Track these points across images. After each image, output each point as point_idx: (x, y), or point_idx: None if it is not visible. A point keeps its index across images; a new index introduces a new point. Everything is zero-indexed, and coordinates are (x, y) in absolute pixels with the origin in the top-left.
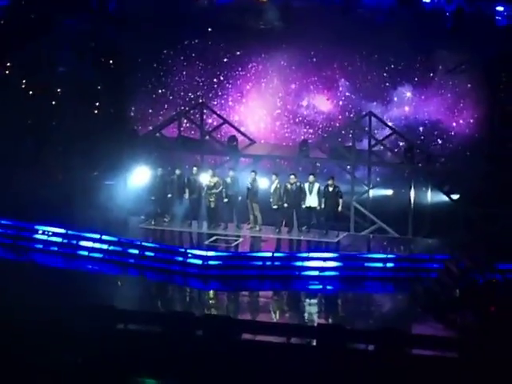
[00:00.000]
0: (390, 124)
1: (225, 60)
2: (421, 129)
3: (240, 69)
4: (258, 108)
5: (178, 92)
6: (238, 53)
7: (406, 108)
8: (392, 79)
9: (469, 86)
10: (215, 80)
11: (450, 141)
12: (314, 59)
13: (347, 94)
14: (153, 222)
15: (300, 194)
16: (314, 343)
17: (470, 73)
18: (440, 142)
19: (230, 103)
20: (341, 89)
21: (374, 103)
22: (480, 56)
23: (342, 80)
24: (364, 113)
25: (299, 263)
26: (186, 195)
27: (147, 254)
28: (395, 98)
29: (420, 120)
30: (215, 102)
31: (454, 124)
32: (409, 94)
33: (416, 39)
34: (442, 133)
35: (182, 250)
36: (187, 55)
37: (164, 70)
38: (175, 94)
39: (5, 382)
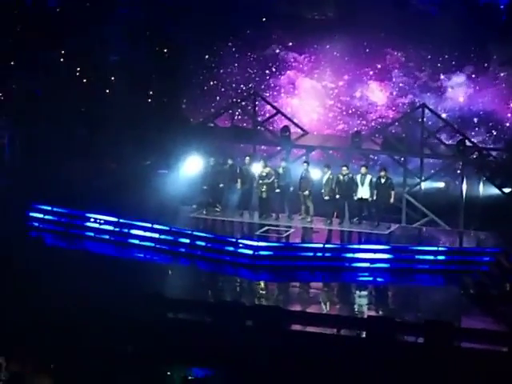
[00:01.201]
0: (443, 115)
1: (277, 51)
2: (475, 120)
3: (292, 60)
4: (311, 99)
5: (229, 84)
6: (291, 44)
7: (461, 99)
8: (446, 69)
9: None
10: (267, 71)
11: (505, 132)
12: (367, 50)
13: (401, 84)
14: (204, 212)
15: (352, 185)
16: (364, 335)
17: None
18: (495, 132)
19: (283, 95)
20: (394, 79)
21: (428, 94)
22: None
23: (396, 71)
24: (417, 104)
25: (350, 255)
26: (238, 185)
27: (198, 243)
28: (449, 89)
29: (474, 111)
30: (267, 94)
31: (509, 115)
32: (463, 85)
33: (470, 31)
34: (497, 123)
35: (233, 239)
36: (239, 46)
37: (215, 62)
38: (227, 86)
39: (57, 368)
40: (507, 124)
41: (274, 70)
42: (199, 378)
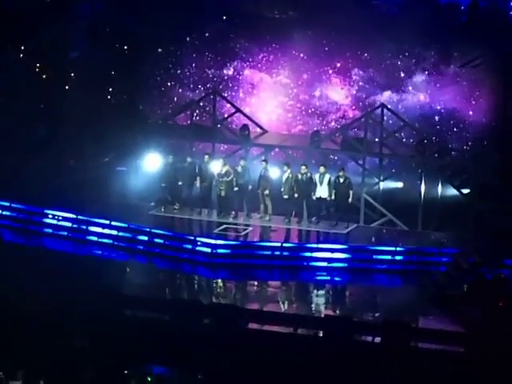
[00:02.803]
0: (403, 114)
1: (235, 51)
2: (436, 118)
3: (250, 59)
4: (270, 99)
5: (187, 85)
6: (248, 43)
7: (421, 97)
8: (406, 68)
9: (481, 74)
10: (225, 72)
11: (467, 130)
12: (326, 48)
13: (361, 83)
14: (163, 209)
15: (310, 184)
16: (321, 334)
17: (485, 67)
18: (456, 130)
19: (241, 95)
20: (354, 78)
21: (389, 92)
22: (494, 51)
23: (356, 69)
24: (377, 103)
25: (308, 254)
26: (197, 183)
27: (156, 240)
28: (410, 87)
29: (435, 109)
30: (226, 94)
31: (471, 112)
32: (424, 83)
33: (431, 32)
34: (459, 122)
35: (191, 237)
36: (196, 46)
37: (172, 62)
38: (184, 87)
39: (12, 366)
40: (468, 122)
41: (232, 69)
42: (156, 376)
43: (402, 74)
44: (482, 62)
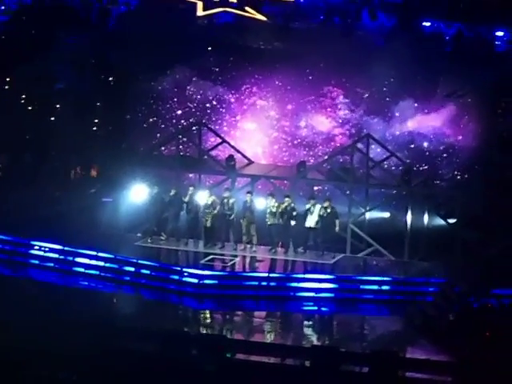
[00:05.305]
0: (391, 141)
1: (218, 83)
2: (425, 144)
3: (233, 91)
4: (254, 132)
5: (169, 120)
6: (230, 76)
7: (409, 123)
8: (393, 93)
9: (469, 100)
10: (208, 105)
11: (457, 155)
12: (310, 77)
13: (347, 111)
14: (149, 240)
15: (293, 214)
16: (308, 364)
17: (469, 97)
18: (446, 156)
19: (225, 128)
20: (340, 106)
21: (376, 119)
22: (479, 81)
23: (341, 97)
24: (364, 131)
25: (295, 284)
26: (183, 214)
27: (143, 271)
28: (397, 113)
29: (424, 134)
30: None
31: (460, 137)
32: (411, 109)
33: (416, 62)
34: (448, 147)
35: (178, 268)
36: (177, 81)
37: (154, 98)
38: (167, 122)
39: None
40: (458, 146)
41: (214, 102)
42: None
43: (389, 100)
44: (467, 92)
